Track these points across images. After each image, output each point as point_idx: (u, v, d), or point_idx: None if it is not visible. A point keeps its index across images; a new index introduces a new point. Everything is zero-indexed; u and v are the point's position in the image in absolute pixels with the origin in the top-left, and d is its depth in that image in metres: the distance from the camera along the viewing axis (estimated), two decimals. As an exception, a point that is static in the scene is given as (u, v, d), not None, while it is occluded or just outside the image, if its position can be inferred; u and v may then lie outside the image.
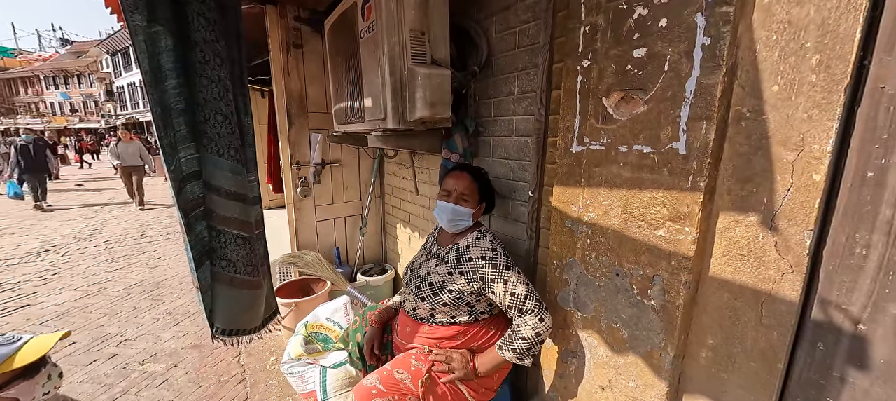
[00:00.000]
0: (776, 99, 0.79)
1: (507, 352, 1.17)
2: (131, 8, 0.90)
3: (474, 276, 1.20)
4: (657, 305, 1.00)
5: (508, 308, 1.18)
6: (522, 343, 1.14)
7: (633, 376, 1.10)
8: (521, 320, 1.16)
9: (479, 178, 1.34)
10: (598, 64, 1.04)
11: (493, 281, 1.18)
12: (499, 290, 1.18)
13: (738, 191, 0.86)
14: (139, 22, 0.91)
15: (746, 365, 0.91)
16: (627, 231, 1.04)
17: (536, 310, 1.15)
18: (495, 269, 1.18)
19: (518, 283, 1.17)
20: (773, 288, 0.84)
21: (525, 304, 1.15)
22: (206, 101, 1.08)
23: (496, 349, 1.20)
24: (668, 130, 0.91)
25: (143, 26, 0.92)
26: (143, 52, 0.94)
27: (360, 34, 1.43)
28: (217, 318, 1.28)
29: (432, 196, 2.17)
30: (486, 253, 1.21)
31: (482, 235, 1.27)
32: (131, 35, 0.92)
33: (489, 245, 1.23)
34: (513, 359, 1.17)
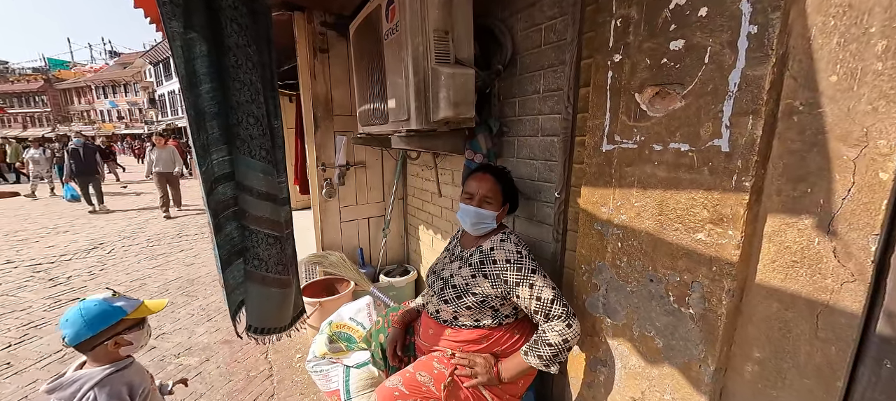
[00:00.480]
0: (834, 90, 0.72)
1: (533, 358, 1.13)
2: (169, 16, 0.94)
3: (498, 279, 1.17)
4: (696, 313, 0.94)
5: (534, 313, 1.14)
6: (549, 350, 1.10)
7: (668, 389, 1.04)
8: (548, 325, 1.12)
9: (503, 179, 1.31)
10: (631, 58, 0.99)
11: (518, 285, 1.15)
12: (524, 294, 1.14)
13: (790, 191, 0.79)
14: (176, 29, 0.95)
15: (799, 382, 0.83)
16: (663, 234, 0.98)
17: (564, 316, 1.11)
18: (520, 272, 1.15)
19: (544, 287, 1.13)
20: (830, 298, 0.76)
21: (552, 309, 1.11)
22: (238, 104, 1.12)
23: (521, 355, 1.16)
24: (709, 127, 0.85)
25: (180, 33, 0.96)
26: (180, 57, 0.97)
27: (384, 36, 1.44)
28: (249, 316, 1.31)
29: (455, 198, 2.15)
30: (511, 255, 1.18)
31: (506, 238, 1.24)
32: (169, 42, 0.96)
33: (514, 247, 1.20)
34: (538, 366, 1.13)
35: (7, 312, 2.94)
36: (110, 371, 1.00)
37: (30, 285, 3.46)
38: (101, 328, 0.97)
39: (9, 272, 3.81)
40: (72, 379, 0.97)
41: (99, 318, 0.97)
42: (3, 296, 3.24)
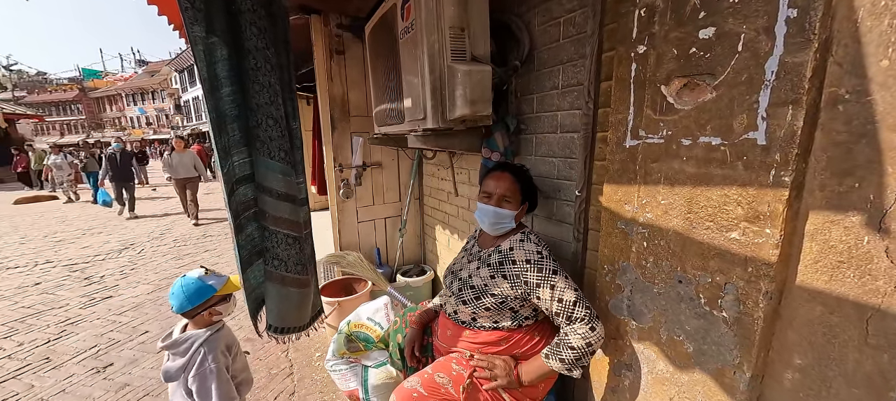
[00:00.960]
0: (885, 76, 0.66)
1: (554, 362, 1.10)
2: (191, 20, 0.95)
3: (518, 280, 1.14)
4: (730, 317, 0.89)
5: (555, 315, 1.11)
6: (571, 353, 1.07)
7: (699, 396, 0.99)
8: (570, 328, 1.08)
9: (521, 177, 1.28)
10: (656, 49, 0.95)
11: (539, 286, 1.12)
12: (545, 296, 1.11)
13: (835, 186, 0.74)
14: (198, 33, 0.97)
15: (846, 391, 0.77)
16: (692, 233, 0.94)
17: (587, 318, 1.07)
18: (541, 273, 1.12)
19: (566, 288, 1.09)
20: (882, 301, 0.70)
21: (574, 311, 1.08)
22: (258, 106, 1.13)
23: (542, 358, 1.13)
24: (744, 119, 0.80)
25: (202, 37, 0.98)
26: (202, 61, 0.99)
27: (399, 35, 1.43)
28: (269, 315, 1.33)
29: (471, 197, 2.13)
30: (531, 256, 1.15)
31: (526, 237, 1.21)
32: (192, 46, 0.98)
33: (534, 247, 1.17)
34: (560, 369, 1.10)
35: (47, 309, 3.11)
36: (211, 332, 1.24)
37: (67, 284, 3.64)
38: (197, 303, 1.20)
39: (48, 271, 4.02)
40: (183, 338, 1.21)
41: (195, 294, 1.20)
42: (43, 293, 3.42)
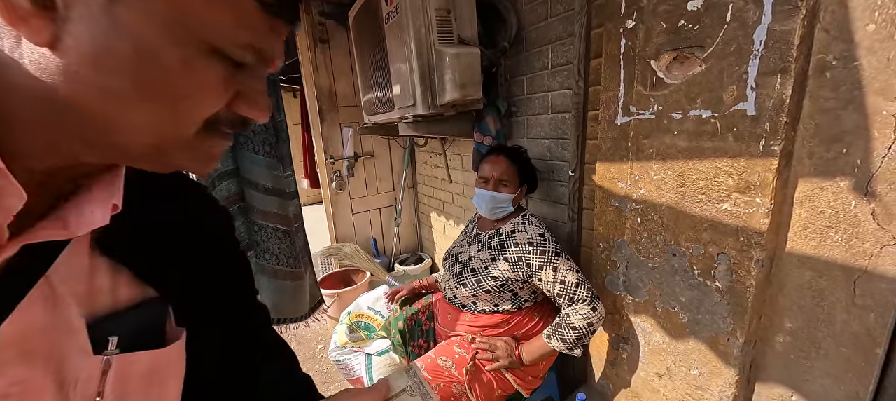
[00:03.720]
0: (872, 40, 0.66)
1: (556, 342, 1.12)
2: None
3: (520, 262, 1.15)
4: (723, 286, 0.91)
5: (557, 296, 1.13)
6: (573, 333, 1.09)
7: (695, 364, 1.02)
8: (572, 308, 1.10)
9: (518, 159, 1.28)
10: (645, 23, 0.94)
11: (541, 268, 1.13)
12: (548, 277, 1.12)
13: (823, 153, 0.75)
14: None
15: (835, 351, 0.80)
16: (685, 207, 0.95)
17: (589, 299, 1.09)
18: (544, 255, 1.13)
19: (568, 270, 1.11)
20: (869, 263, 0.72)
21: (577, 292, 1.09)
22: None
23: (544, 338, 1.15)
24: (733, 90, 0.80)
25: None
26: None
27: (384, 20, 1.40)
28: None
29: (465, 183, 2.13)
30: (534, 238, 1.15)
31: (528, 220, 1.22)
32: None
33: (536, 230, 1.17)
34: (562, 349, 1.12)
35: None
36: None
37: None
38: None
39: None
40: None
41: None
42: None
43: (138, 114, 0.25)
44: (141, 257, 0.34)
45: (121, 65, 0.24)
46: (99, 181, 0.29)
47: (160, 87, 0.25)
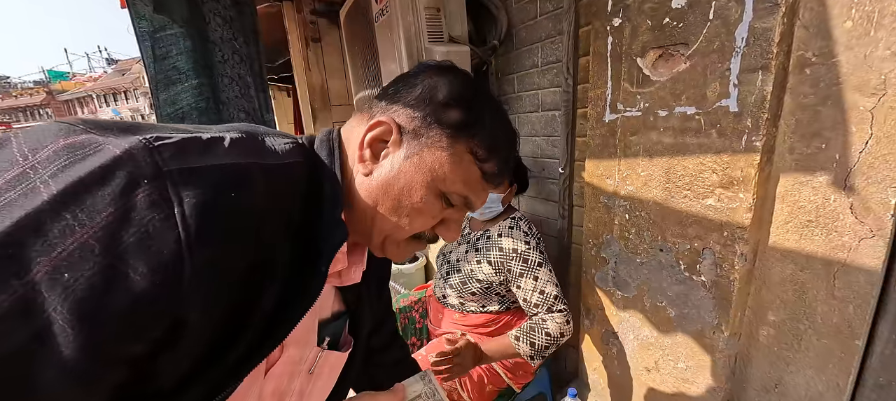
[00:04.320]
0: (849, 37, 0.68)
1: (524, 345, 1.09)
2: (138, 15, 0.92)
3: (502, 267, 1.15)
4: (708, 281, 0.92)
5: (534, 306, 1.12)
6: (545, 339, 1.07)
7: (682, 357, 1.03)
8: (549, 316, 1.10)
9: None
10: (631, 21, 0.95)
11: (522, 276, 1.12)
12: (527, 286, 1.12)
13: (803, 148, 0.76)
14: (145, 28, 0.93)
15: (816, 343, 0.81)
16: (671, 203, 0.96)
17: (565, 312, 1.10)
18: (526, 264, 1.12)
19: (549, 281, 1.11)
20: (848, 256, 0.74)
21: (555, 304, 1.10)
22: (228, 100, 1.10)
23: (511, 339, 1.11)
24: (716, 87, 0.81)
25: (149, 32, 0.94)
26: (149, 56, 0.96)
27: (374, 19, 1.40)
28: None
29: (458, 181, 2.13)
30: (519, 245, 1.14)
31: (515, 224, 1.20)
32: (138, 42, 0.94)
33: (522, 236, 1.16)
34: (526, 353, 1.08)
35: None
36: None
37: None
38: None
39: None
40: None
41: None
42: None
43: (386, 219, 0.45)
44: (347, 286, 0.53)
45: (392, 194, 0.44)
46: (360, 254, 0.51)
47: (405, 210, 0.44)
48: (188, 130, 0.36)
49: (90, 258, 0.26)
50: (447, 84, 0.44)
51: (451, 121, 0.43)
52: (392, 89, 0.46)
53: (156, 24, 0.96)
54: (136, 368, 0.30)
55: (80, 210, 0.26)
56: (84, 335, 0.26)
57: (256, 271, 0.35)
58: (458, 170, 0.44)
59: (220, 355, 0.35)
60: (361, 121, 0.46)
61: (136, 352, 0.30)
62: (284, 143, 0.41)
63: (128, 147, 0.29)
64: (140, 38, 0.97)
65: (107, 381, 0.29)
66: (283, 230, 0.37)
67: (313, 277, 0.40)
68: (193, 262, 0.29)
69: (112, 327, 0.27)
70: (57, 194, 0.26)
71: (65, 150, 0.28)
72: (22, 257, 0.25)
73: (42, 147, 0.28)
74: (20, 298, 0.25)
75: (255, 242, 0.34)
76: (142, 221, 0.27)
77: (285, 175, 0.39)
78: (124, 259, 0.27)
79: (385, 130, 0.43)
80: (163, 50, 0.99)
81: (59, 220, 0.26)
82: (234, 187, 0.32)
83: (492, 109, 0.47)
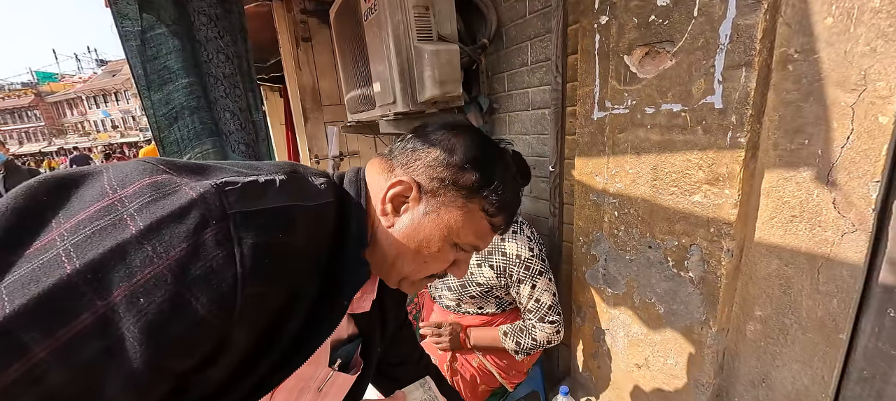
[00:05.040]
0: (830, 33, 0.68)
1: (511, 342, 1.14)
2: (121, 14, 0.90)
3: (504, 272, 1.14)
4: (696, 277, 0.92)
5: (527, 311, 1.14)
6: (531, 343, 1.12)
7: (671, 354, 1.04)
8: (540, 324, 1.12)
9: None
10: (618, 19, 0.95)
11: (521, 282, 1.12)
12: (524, 292, 1.13)
13: (787, 144, 0.76)
14: (130, 27, 0.92)
15: (802, 337, 0.82)
16: (659, 200, 0.96)
17: (556, 323, 1.12)
18: (528, 270, 1.12)
19: (546, 291, 1.12)
20: (831, 251, 0.74)
21: (548, 315, 1.12)
22: (215, 100, 1.09)
23: (500, 334, 1.16)
24: (701, 84, 0.82)
25: (136, 32, 0.93)
26: (136, 57, 0.94)
27: (363, 17, 1.39)
28: None
29: (451, 180, 2.13)
30: (522, 251, 1.12)
31: (519, 229, 1.18)
32: (122, 41, 0.93)
33: (526, 242, 1.14)
34: (511, 349, 1.15)
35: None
36: None
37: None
38: None
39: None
40: None
41: None
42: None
43: (404, 264, 0.50)
44: (362, 312, 0.57)
45: (412, 245, 0.49)
46: (371, 285, 0.55)
47: (422, 258, 0.50)
48: (244, 171, 0.40)
49: (163, 286, 0.30)
50: (463, 147, 0.49)
51: (467, 183, 0.49)
52: (411, 144, 0.51)
53: (144, 24, 0.95)
54: (182, 379, 0.35)
55: (160, 244, 0.30)
56: (150, 352, 0.30)
57: (289, 301, 0.40)
58: (470, 225, 0.50)
59: (247, 371, 0.39)
60: (383, 169, 0.51)
61: (186, 366, 0.34)
62: (320, 182, 0.46)
63: (202, 191, 0.33)
64: (124, 38, 0.95)
65: (158, 390, 0.34)
66: (314, 266, 0.42)
67: (335, 309, 0.45)
68: (245, 295, 0.33)
69: (173, 345, 0.31)
70: (143, 229, 0.30)
71: (148, 188, 0.33)
72: (106, 281, 0.29)
73: (129, 183, 0.33)
74: (101, 317, 0.28)
75: (293, 276, 0.39)
76: (208, 256, 0.32)
77: (320, 216, 0.43)
78: (191, 289, 0.31)
79: (405, 188, 0.48)
80: (153, 50, 0.98)
81: (141, 251, 0.30)
82: (282, 230, 0.37)
83: (502, 168, 0.52)
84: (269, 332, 0.39)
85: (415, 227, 0.48)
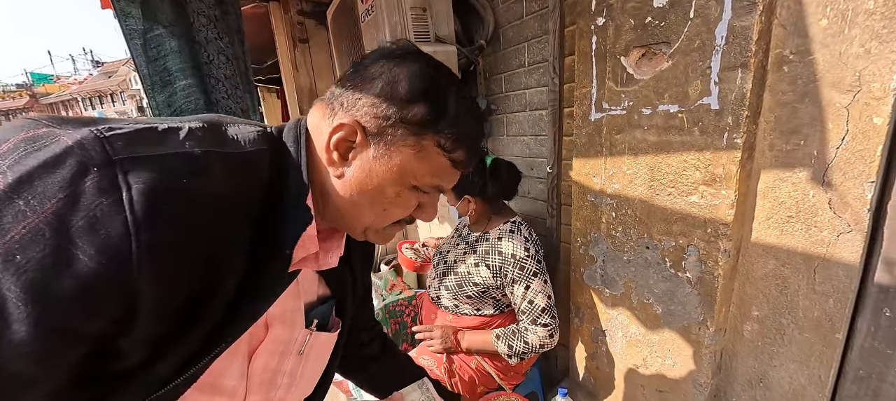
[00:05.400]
0: (825, 35, 0.69)
1: (503, 345, 1.13)
2: (124, 13, 0.90)
3: (500, 271, 1.14)
4: (693, 277, 0.93)
5: (521, 312, 1.14)
6: (523, 346, 1.11)
7: (669, 354, 1.04)
8: (533, 327, 1.11)
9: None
10: (614, 20, 0.95)
11: (515, 282, 1.12)
12: (518, 293, 1.13)
13: (783, 145, 0.77)
14: (134, 26, 0.91)
15: (798, 337, 0.82)
16: (656, 200, 0.97)
17: (550, 327, 1.11)
18: (523, 271, 1.12)
19: (539, 293, 1.11)
20: (827, 251, 0.75)
21: (541, 318, 1.11)
22: (216, 101, 1.09)
23: (492, 337, 1.16)
24: (698, 85, 0.82)
25: (140, 30, 0.92)
26: (141, 55, 0.94)
27: (361, 18, 1.39)
28: None
29: (449, 181, 2.13)
30: (518, 251, 1.13)
31: (516, 228, 1.18)
32: (127, 41, 0.92)
33: (523, 242, 1.14)
34: (503, 352, 1.14)
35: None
36: None
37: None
38: None
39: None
40: None
41: None
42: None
43: (363, 213, 0.47)
44: (330, 271, 0.54)
45: (367, 193, 0.45)
46: (338, 240, 0.52)
47: (381, 205, 0.47)
48: (146, 121, 0.37)
49: (41, 241, 0.28)
50: (407, 78, 0.43)
51: (416, 119, 0.43)
52: (350, 81, 0.45)
53: (146, 24, 0.95)
54: (97, 345, 0.32)
55: (32, 196, 0.28)
56: (37, 313, 0.28)
57: (215, 257, 0.36)
58: (426, 164, 0.45)
59: (182, 336, 0.36)
60: (324, 114, 0.45)
61: (94, 330, 0.31)
62: (250, 132, 0.42)
63: (79, 138, 0.30)
64: (128, 36, 0.94)
65: (65, 357, 0.31)
66: (244, 215, 0.39)
67: (278, 260, 0.42)
68: (140, 243, 0.30)
69: (64, 304, 0.29)
70: (11, 182, 0.28)
71: (24, 142, 0.30)
72: None
73: (4, 141, 0.30)
74: None
75: (212, 228, 0.35)
76: (90, 205, 0.29)
77: (249, 164, 0.40)
78: (74, 241, 0.28)
79: (348, 131, 0.43)
80: (154, 51, 0.98)
81: (12, 206, 0.27)
82: (186, 175, 0.34)
83: (455, 96, 0.46)
84: (199, 293, 0.36)
85: (366, 173, 0.44)
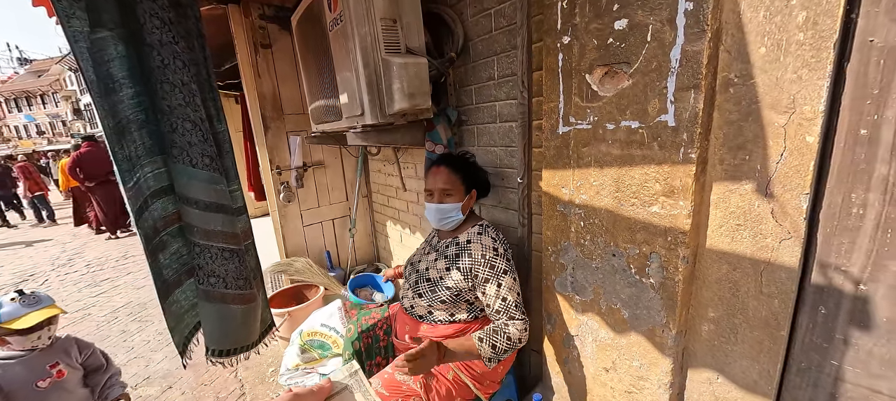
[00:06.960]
0: (764, 61, 0.76)
1: (486, 346, 1.10)
2: (67, 14, 0.81)
3: (470, 273, 1.16)
4: (656, 282, 0.98)
5: (495, 312, 1.15)
6: (506, 343, 1.11)
7: (636, 356, 1.09)
8: (511, 322, 1.13)
9: (460, 166, 1.29)
10: (579, 40, 1.00)
11: (487, 281, 1.14)
12: (491, 292, 1.14)
13: (731, 160, 0.84)
14: (78, 27, 0.83)
15: (749, 335, 0.90)
16: (621, 210, 1.02)
17: (523, 320, 1.14)
18: (493, 269, 1.14)
19: (511, 290, 1.14)
20: (771, 256, 0.82)
21: (515, 313, 1.13)
22: (171, 108, 1.00)
23: (475, 340, 1.12)
24: (656, 103, 0.88)
25: (85, 33, 0.84)
26: (87, 60, 0.85)
27: (328, 27, 1.36)
28: (208, 339, 1.21)
29: (419, 191, 2.12)
30: (487, 251, 1.16)
31: (484, 230, 1.22)
32: (71, 44, 0.84)
33: (491, 243, 1.18)
34: (486, 354, 1.09)
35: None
36: (4, 356, 1.22)
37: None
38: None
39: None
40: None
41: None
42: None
43: None
44: None
45: None
46: None
47: None
48: None
49: None
50: None
51: None
52: None
53: (91, 26, 0.86)
54: None
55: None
56: None
57: None
58: None
59: None
60: None
61: None
62: None
63: None
64: (72, 39, 0.85)
65: None
66: None
67: None
68: None
69: None
70: None
71: None
72: None
73: None
74: None
75: None
76: None
77: None
78: None
79: None
80: (98, 55, 0.89)
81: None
82: None
83: None
84: None
85: None
